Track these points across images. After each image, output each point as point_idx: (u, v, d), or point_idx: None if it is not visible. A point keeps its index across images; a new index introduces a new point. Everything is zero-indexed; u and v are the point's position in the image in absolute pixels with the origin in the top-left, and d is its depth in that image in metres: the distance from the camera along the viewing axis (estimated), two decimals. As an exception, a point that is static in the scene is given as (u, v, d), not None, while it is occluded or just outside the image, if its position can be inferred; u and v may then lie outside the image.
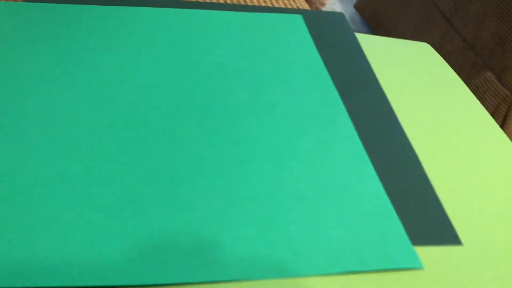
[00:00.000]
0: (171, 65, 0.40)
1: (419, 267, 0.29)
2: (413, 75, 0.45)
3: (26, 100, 0.35)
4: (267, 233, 0.29)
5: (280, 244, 0.29)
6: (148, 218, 0.29)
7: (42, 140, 0.32)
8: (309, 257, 0.28)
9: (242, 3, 0.48)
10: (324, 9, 1.83)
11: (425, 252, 0.30)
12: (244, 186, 0.31)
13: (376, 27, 1.67)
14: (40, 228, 0.27)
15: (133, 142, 0.33)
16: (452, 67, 1.27)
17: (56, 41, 0.40)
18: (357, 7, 1.80)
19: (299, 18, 0.49)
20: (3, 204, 0.28)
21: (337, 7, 1.88)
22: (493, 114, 1.16)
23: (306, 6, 0.53)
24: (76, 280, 0.25)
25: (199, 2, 0.47)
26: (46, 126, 0.33)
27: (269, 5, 0.51)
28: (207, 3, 0.47)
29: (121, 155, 0.32)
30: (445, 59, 1.29)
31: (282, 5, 0.52)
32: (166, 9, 0.46)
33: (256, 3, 0.49)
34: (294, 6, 0.53)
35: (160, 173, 0.31)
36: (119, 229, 0.28)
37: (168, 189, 0.31)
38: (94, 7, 0.45)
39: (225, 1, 0.47)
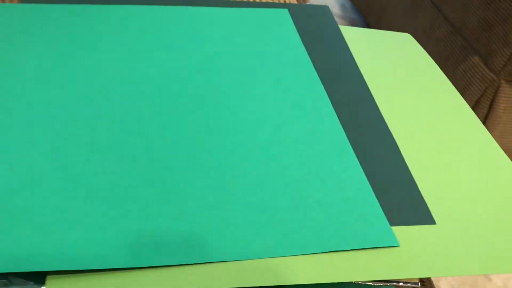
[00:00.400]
0: (162, 61, 0.42)
1: (395, 245, 0.31)
2: (394, 65, 0.47)
3: (26, 98, 0.37)
4: (256, 217, 0.32)
5: (268, 227, 0.31)
6: (144, 206, 0.31)
7: (44, 136, 0.34)
8: (295, 239, 0.31)
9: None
10: (314, -4, 1.84)
11: (402, 232, 0.32)
12: (234, 175, 0.34)
13: (366, 14, 1.69)
14: (46, 219, 0.30)
15: (129, 136, 0.35)
16: (441, 53, 1.29)
17: (52, 41, 0.43)
18: (347, -6, 1.81)
19: (285, 12, 0.51)
20: (12, 197, 0.30)
21: (328, -6, 1.89)
22: (480, 98, 1.18)
23: (293, 0, 0.56)
24: (79, 264, 0.28)
25: None
26: (47, 123, 0.35)
27: (257, -1, 0.53)
28: None
29: (118, 148, 0.34)
30: (434, 45, 1.31)
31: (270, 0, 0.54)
32: (155, 6, 0.48)
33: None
34: (282, 0, 0.55)
35: (155, 164, 0.34)
36: (119, 217, 0.30)
37: (162, 179, 0.33)
38: (86, 6, 0.47)
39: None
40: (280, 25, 0.49)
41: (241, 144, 0.36)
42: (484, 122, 1.20)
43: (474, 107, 1.21)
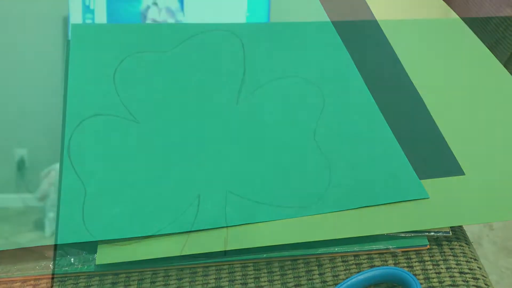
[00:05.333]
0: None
1: (425, 197, 0.32)
2: (418, 25, 0.47)
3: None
4: (287, 180, 0.33)
5: (300, 188, 0.33)
6: (177, 181, 0.33)
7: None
8: (327, 197, 0.32)
9: None
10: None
11: (432, 184, 0.33)
12: (265, 144, 0.35)
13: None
14: (93, 198, 0.32)
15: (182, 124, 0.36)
16: (471, 6, 1.26)
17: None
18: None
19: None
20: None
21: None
22: (515, 51, 1.15)
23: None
24: (125, 232, 0.30)
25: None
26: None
27: None
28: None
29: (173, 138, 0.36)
30: (461, 1, 1.28)
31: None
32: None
33: None
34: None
35: (199, 147, 0.35)
36: (155, 190, 0.32)
37: (202, 158, 0.35)
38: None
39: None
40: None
41: (269, 113, 0.37)
42: (520, 75, 1.17)
43: (508, 60, 1.18)
